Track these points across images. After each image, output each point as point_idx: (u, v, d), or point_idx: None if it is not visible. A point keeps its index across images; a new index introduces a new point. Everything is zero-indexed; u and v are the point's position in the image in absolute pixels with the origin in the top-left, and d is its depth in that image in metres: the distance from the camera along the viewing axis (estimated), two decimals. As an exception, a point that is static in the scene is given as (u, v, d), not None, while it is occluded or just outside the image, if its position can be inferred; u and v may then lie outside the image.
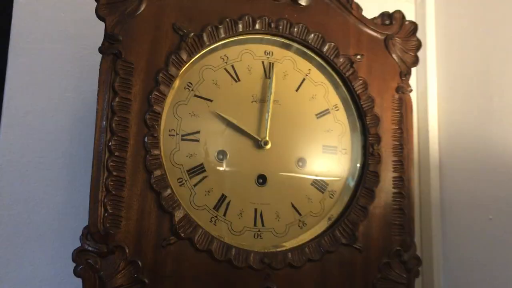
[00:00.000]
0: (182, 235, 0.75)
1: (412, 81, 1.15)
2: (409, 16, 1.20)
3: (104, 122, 0.74)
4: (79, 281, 0.71)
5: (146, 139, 0.76)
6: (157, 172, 0.75)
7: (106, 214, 0.72)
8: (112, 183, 0.73)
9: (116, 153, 0.73)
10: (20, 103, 0.97)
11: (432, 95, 1.15)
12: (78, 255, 0.70)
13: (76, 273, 0.70)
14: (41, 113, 0.98)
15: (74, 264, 0.71)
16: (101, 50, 0.76)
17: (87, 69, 0.98)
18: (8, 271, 0.93)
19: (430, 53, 1.16)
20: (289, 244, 0.84)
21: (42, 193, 0.96)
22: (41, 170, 0.96)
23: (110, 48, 0.76)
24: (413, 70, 0.99)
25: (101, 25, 0.78)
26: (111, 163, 0.73)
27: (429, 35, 1.17)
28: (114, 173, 0.73)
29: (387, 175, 0.90)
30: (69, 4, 1.01)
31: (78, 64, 0.99)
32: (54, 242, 0.95)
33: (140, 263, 0.73)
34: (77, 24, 1.00)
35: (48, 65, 0.99)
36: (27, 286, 0.93)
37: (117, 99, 0.75)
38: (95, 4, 0.77)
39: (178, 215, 0.76)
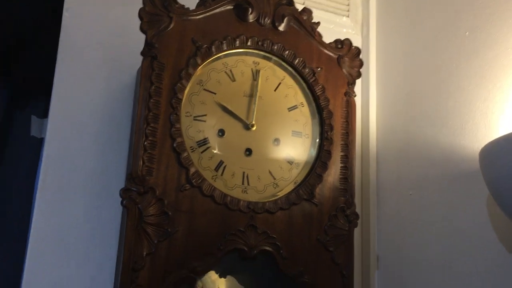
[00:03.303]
0: (194, 184, 1.07)
1: (358, 89, 1.53)
2: (357, 44, 1.60)
3: (144, 102, 1.06)
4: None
5: (171, 116, 1.08)
6: (178, 140, 1.08)
7: (144, 165, 1.03)
8: (148, 144, 1.04)
9: (152, 124, 1.05)
10: (68, 90, 1.27)
11: (373, 100, 1.54)
12: (124, 192, 1.01)
13: (123, 204, 1.01)
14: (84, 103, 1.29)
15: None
16: (142, 53, 1.08)
17: (119, 71, 1.31)
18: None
19: (372, 70, 1.55)
20: (267, 198, 1.17)
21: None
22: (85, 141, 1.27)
23: (149, 52, 1.08)
24: (359, 81, 1.36)
25: (130, 37, 1.13)
26: (148, 131, 1.05)
27: (371, 57, 1.56)
28: (150, 138, 1.05)
29: (337, 153, 1.25)
30: (106, 19, 1.33)
31: (112, 67, 1.31)
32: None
33: (165, 201, 1.04)
34: (112, 35, 1.32)
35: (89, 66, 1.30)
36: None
37: (153, 87, 1.07)
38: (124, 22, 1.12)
39: (192, 170, 1.08)
